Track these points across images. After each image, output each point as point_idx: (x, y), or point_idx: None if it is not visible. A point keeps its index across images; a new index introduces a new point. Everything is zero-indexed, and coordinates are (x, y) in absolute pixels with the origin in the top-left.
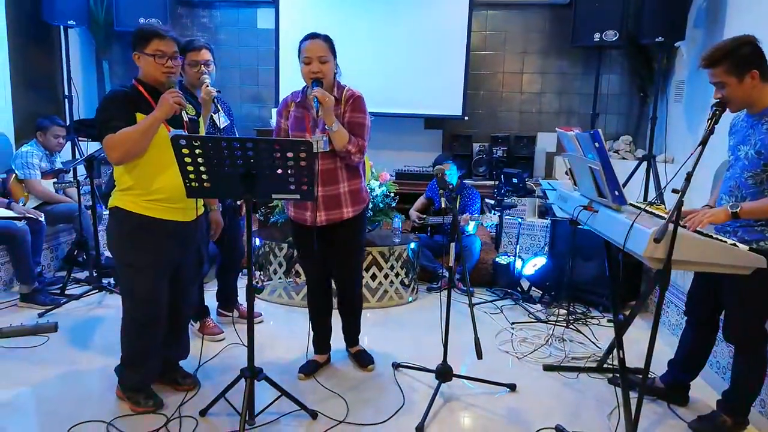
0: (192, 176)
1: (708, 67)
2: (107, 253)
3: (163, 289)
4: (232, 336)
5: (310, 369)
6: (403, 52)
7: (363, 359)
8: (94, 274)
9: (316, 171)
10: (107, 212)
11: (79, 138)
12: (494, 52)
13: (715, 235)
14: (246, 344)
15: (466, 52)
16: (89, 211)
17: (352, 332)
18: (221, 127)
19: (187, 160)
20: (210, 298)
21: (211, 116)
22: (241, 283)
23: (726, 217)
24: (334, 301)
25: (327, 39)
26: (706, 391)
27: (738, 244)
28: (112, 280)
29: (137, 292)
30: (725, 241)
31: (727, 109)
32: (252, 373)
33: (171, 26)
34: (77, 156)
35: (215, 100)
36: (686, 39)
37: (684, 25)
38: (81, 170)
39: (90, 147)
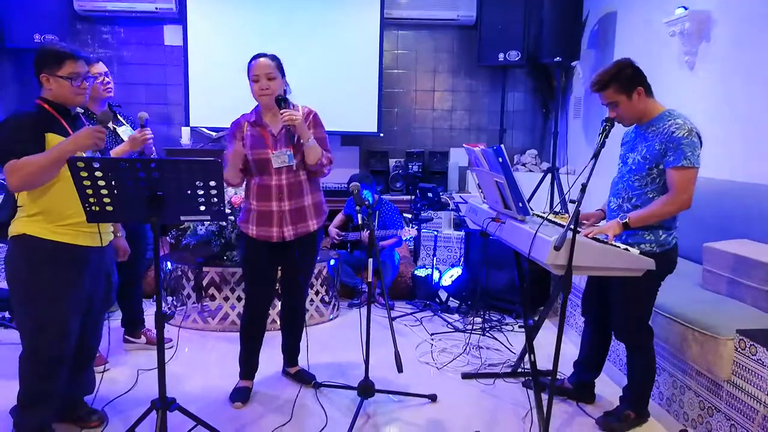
0: (92, 200)
1: (599, 91)
2: (1, 285)
3: (76, 322)
4: (145, 365)
5: (244, 396)
6: (318, 71)
7: (306, 376)
8: None
9: (282, 185)
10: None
11: None
12: (406, 70)
13: (608, 241)
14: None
15: (379, 71)
16: None
17: (295, 351)
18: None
19: (87, 183)
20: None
21: (114, 129)
22: (151, 309)
23: (619, 228)
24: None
25: (274, 57)
26: (611, 387)
27: (629, 248)
28: (7, 314)
29: (47, 327)
30: (618, 246)
31: (621, 124)
32: (163, 404)
33: (70, 42)
34: None
35: (117, 113)
36: (581, 59)
37: (579, 47)
38: None
39: None
